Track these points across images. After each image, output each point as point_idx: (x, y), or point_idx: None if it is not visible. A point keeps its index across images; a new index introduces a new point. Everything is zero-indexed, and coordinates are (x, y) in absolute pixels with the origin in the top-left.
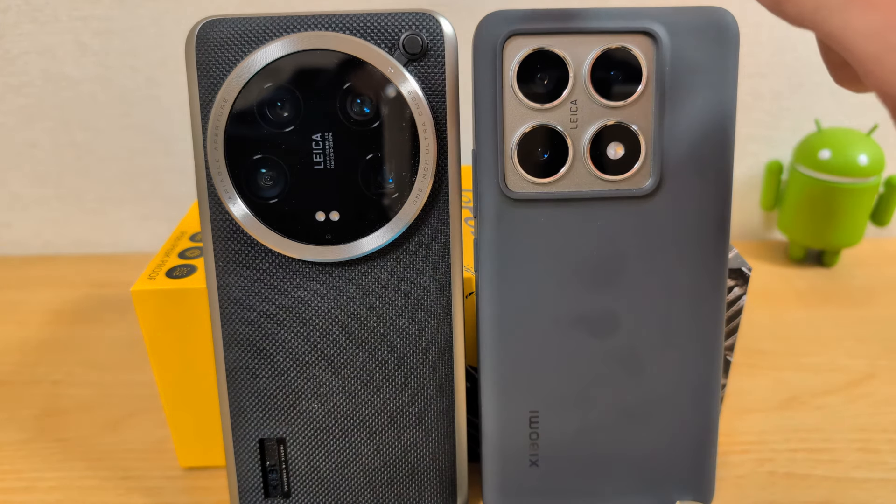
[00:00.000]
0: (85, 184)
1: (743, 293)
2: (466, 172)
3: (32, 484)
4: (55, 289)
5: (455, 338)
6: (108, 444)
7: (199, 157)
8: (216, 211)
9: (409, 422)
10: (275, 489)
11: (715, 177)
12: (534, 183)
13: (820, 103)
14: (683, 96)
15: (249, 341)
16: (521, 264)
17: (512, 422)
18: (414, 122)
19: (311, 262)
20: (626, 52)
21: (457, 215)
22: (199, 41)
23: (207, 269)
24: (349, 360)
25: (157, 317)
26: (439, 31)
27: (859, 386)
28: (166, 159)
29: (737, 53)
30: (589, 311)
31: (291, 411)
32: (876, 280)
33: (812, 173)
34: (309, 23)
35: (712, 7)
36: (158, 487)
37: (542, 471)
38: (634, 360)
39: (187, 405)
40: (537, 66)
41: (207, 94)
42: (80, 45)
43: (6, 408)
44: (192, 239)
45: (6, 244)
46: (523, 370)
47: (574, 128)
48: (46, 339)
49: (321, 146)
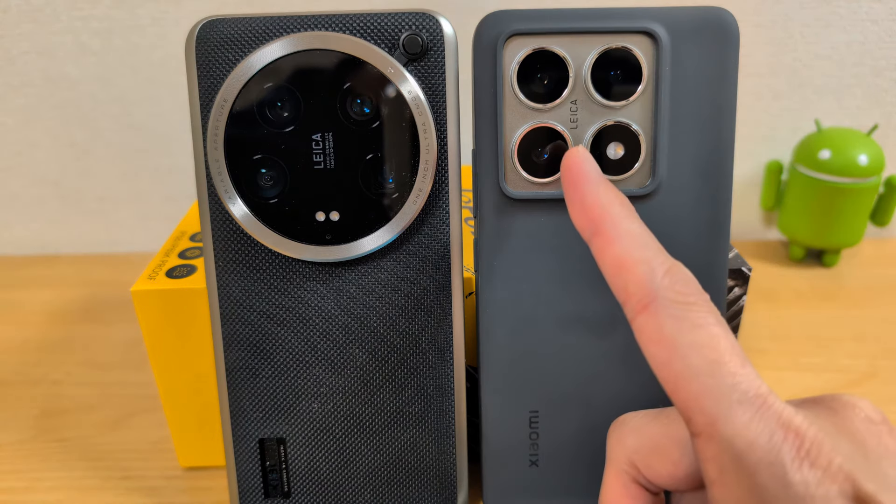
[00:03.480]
0: (85, 184)
1: (743, 293)
2: (466, 172)
3: (32, 484)
4: (55, 289)
5: (455, 338)
6: (108, 444)
7: (199, 157)
8: (216, 211)
9: (409, 422)
10: (275, 489)
11: (715, 177)
12: (534, 183)
13: (820, 103)
14: (683, 96)
15: (249, 341)
16: (521, 264)
17: (512, 422)
18: (414, 122)
19: (311, 262)
20: (626, 52)
21: (457, 215)
22: (199, 41)
23: (207, 269)
24: (349, 360)
25: (157, 317)
26: (439, 31)
27: (859, 386)
28: (166, 159)
29: (737, 53)
30: (589, 311)
31: (291, 411)
32: (876, 280)
33: (812, 173)
34: (309, 23)
35: (712, 7)
36: (158, 487)
37: (542, 471)
38: (634, 360)
39: (187, 405)
40: (537, 66)
41: (207, 95)
42: (80, 45)
43: (6, 408)
44: (192, 239)
45: (6, 244)
46: (523, 370)
47: (574, 128)
48: (46, 339)
49: (321, 146)
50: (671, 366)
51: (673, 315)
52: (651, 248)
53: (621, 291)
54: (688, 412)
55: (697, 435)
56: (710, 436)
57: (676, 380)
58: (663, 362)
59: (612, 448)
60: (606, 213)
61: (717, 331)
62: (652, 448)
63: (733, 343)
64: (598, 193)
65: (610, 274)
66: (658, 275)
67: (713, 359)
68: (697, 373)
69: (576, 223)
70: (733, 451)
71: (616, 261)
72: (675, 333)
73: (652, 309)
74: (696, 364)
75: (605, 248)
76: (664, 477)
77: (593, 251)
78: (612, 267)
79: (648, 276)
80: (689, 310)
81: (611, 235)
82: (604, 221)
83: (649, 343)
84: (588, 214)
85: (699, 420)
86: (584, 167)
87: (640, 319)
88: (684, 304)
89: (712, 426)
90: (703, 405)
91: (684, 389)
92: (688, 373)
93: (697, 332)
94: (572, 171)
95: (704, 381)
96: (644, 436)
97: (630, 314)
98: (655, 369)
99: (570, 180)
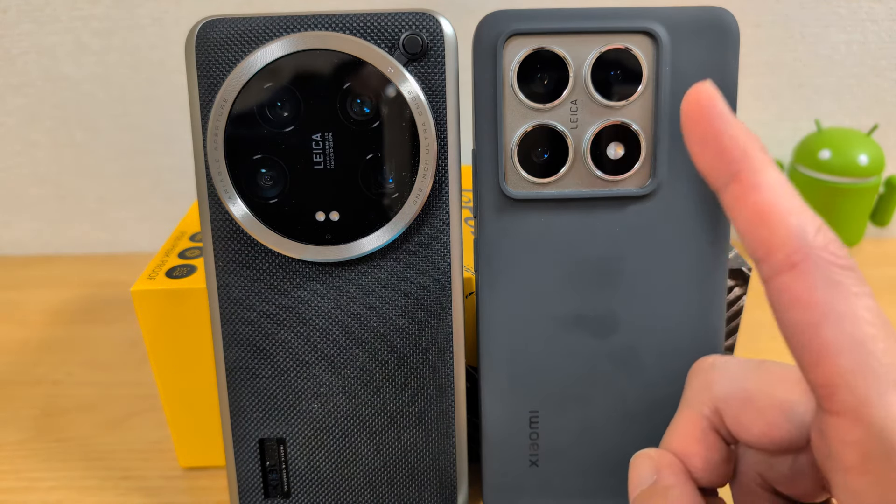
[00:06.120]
0: (85, 184)
1: (743, 293)
2: (466, 172)
3: (32, 484)
4: (55, 289)
5: (455, 338)
6: (108, 444)
7: (199, 157)
8: (216, 211)
9: (409, 422)
10: (275, 489)
11: None
12: (534, 183)
13: (820, 103)
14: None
15: (249, 341)
16: (521, 264)
17: (512, 422)
18: (414, 122)
19: (311, 262)
20: (626, 52)
21: (457, 215)
22: (199, 41)
23: (207, 269)
24: (349, 360)
25: (157, 317)
26: (439, 31)
27: None
28: (166, 159)
29: (737, 53)
30: (589, 311)
31: (291, 411)
32: (876, 280)
33: (812, 173)
34: (309, 23)
35: (712, 7)
36: (158, 487)
37: (542, 471)
38: (634, 360)
39: (187, 405)
40: (537, 65)
41: (207, 94)
42: (80, 45)
43: (6, 408)
44: (192, 239)
45: (6, 244)
46: (523, 370)
47: (574, 128)
48: (46, 339)
49: (321, 146)
50: (819, 333)
51: (828, 277)
52: (799, 200)
53: (761, 245)
54: (829, 387)
55: (837, 413)
56: (858, 418)
57: (823, 349)
58: (810, 327)
59: (696, 390)
60: (748, 156)
61: (873, 304)
62: (746, 401)
63: (889, 322)
64: (738, 134)
65: (749, 225)
66: (811, 231)
67: (871, 333)
68: (851, 345)
69: (704, 166)
70: (885, 440)
71: (759, 209)
72: (829, 298)
73: (803, 267)
74: (851, 335)
75: (746, 194)
76: (753, 434)
77: (725, 200)
78: (753, 216)
79: (800, 230)
80: (846, 275)
81: (754, 182)
82: (745, 165)
83: (795, 305)
84: (726, 156)
85: (845, 398)
86: (719, 103)
87: (784, 278)
88: (840, 268)
89: (862, 408)
90: (852, 383)
91: (831, 362)
92: (839, 344)
93: (854, 301)
94: (705, 105)
95: (859, 356)
96: (739, 386)
97: (769, 271)
98: (795, 335)
99: (702, 115)
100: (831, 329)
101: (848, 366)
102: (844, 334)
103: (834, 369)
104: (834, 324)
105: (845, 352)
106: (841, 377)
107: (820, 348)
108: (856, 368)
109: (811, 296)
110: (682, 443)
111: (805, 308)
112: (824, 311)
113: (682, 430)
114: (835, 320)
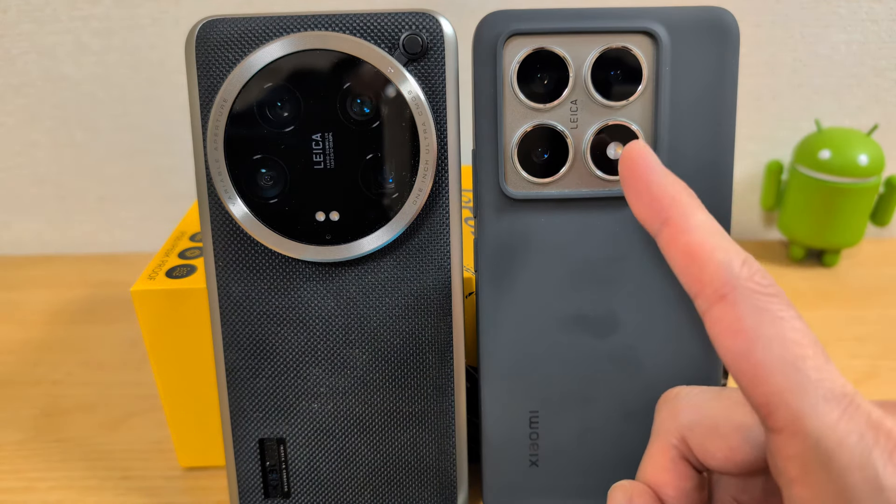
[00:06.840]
0: (85, 184)
1: None
2: (466, 172)
3: (32, 484)
4: (55, 289)
5: (455, 338)
6: (108, 444)
7: (199, 157)
8: (216, 211)
9: (409, 422)
10: (275, 489)
11: (715, 177)
12: (534, 183)
13: (820, 103)
14: (683, 96)
15: (249, 341)
16: (521, 264)
17: (512, 422)
18: (414, 121)
19: (311, 262)
20: (626, 52)
21: (457, 215)
22: (198, 41)
23: (207, 269)
24: (349, 361)
25: (157, 317)
26: (439, 31)
27: (859, 386)
28: (166, 159)
29: (737, 53)
30: (589, 311)
31: (291, 411)
32: (876, 280)
33: (812, 173)
34: (309, 23)
35: (712, 7)
36: (158, 487)
37: (542, 471)
38: (634, 360)
39: (187, 405)
40: (537, 65)
41: (207, 95)
42: (80, 45)
43: (6, 408)
44: (192, 239)
45: (6, 244)
46: (523, 370)
47: (574, 128)
48: (46, 339)
49: (321, 146)
50: (751, 358)
51: (754, 305)
52: (725, 237)
53: (694, 282)
54: (768, 406)
55: (778, 431)
56: (794, 432)
57: (756, 372)
58: (742, 354)
59: (664, 420)
60: (677, 202)
61: (800, 325)
62: (710, 428)
63: (816, 339)
64: (665, 183)
65: (681, 264)
66: (736, 264)
67: (798, 353)
68: (782, 366)
69: (640, 214)
70: (820, 450)
71: (689, 250)
72: (756, 324)
73: (731, 299)
74: (780, 356)
75: (677, 237)
76: (718, 460)
77: (661, 242)
78: (684, 256)
79: (726, 264)
80: (771, 301)
81: (682, 225)
82: (674, 211)
83: (727, 334)
84: (656, 204)
85: (782, 415)
86: (648, 158)
87: (716, 310)
88: (765, 296)
89: (797, 422)
90: (787, 400)
91: (766, 383)
92: (771, 365)
93: (781, 324)
94: (636, 161)
95: (789, 374)
96: (702, 414)
97: (703, 305)
98: (731, 362)
99: (634, 170)
100: (762, 353)
101: (781, 385)
102: (774, 356)
103: (769, 388)
104: (764, 348)
105: (777, 372)
106: (776, 395)
107: (755, 371)
108: (789, 386)
109: (741, 324)
110: (654, 473)
111: (736, 336)
112: (754, 337)
113: (652, 460)
114: (764, 344)
